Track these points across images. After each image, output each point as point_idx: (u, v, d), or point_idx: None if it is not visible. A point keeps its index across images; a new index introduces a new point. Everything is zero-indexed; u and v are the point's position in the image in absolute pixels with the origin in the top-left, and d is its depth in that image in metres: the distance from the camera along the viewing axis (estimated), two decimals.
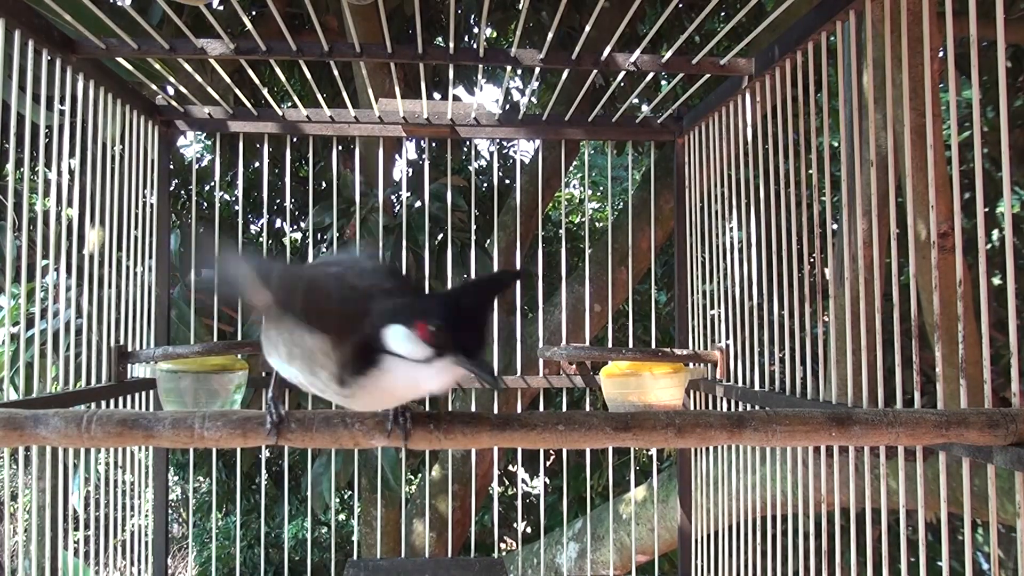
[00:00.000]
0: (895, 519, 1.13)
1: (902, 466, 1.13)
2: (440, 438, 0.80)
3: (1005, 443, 0.82)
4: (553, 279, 3.65)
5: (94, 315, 1.58)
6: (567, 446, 0.82)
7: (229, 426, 0.81)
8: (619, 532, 2.87)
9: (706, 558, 1.86)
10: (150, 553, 1.89)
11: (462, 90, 3.96)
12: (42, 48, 1.38)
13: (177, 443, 0.81)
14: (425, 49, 1.57)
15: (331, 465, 2.40)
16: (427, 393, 0.76)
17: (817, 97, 1.65)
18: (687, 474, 1.99)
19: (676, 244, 2.03)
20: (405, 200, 2.61)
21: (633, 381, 1.74)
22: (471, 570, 1.76)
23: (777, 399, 1.46)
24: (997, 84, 0.94)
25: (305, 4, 1.41)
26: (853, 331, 1.23)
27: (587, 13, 3.12)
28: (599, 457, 3.78)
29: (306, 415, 0.81)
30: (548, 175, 3.46)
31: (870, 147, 1.20)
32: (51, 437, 0.79)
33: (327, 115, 1.94)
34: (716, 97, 1.79)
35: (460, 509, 3.37)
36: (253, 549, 4.85)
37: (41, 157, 1.39)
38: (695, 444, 0.98)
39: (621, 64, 1.61)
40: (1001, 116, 0.93)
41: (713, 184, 1.83)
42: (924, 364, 1.12)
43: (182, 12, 1.89)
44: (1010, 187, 0.96)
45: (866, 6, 1.19)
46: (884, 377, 1.15)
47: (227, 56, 1.54)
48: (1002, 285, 3.11)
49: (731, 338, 1.74)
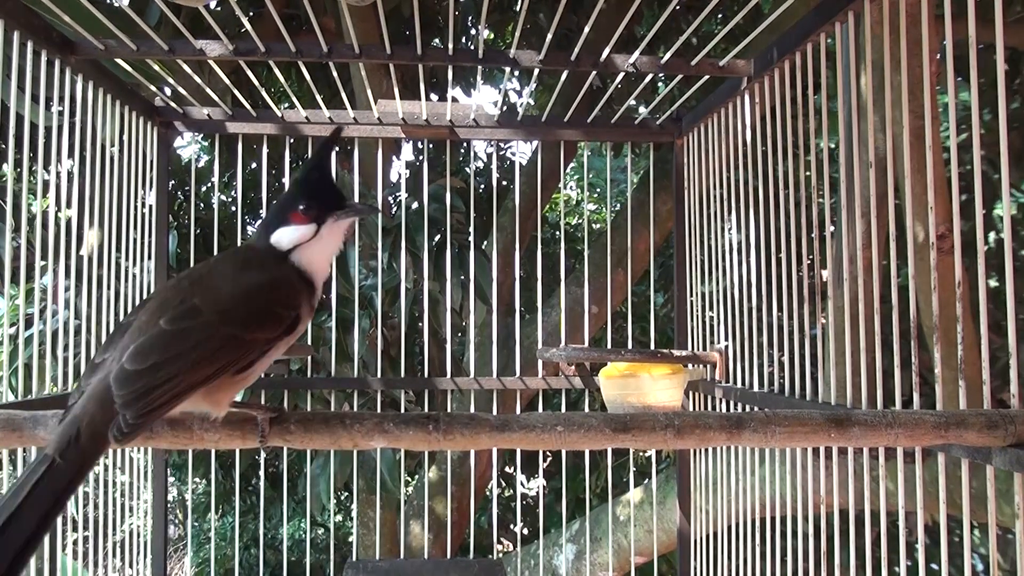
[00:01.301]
0: (893, 521, 1.13)
1: (901, 468, 1.13)
2: (439, 439, 0.80)
3: (1004, 444, 0.82)
4: (551, 280, 3.65)
5: (92, 316, 1.58)
6: (566, 447, 0.82)
7: (227, 427, 0.80)
8: (617, 533, 2.87)
9: (704, 560, 1.86)
10: (148, 554, 1.88)
11: (459, 91, 3.96)
12: (41, 49, 1.38)
13: (175, 444, 0.81)
14: (424, 50, 1.57)
15: (329, 466, 2.40)
16: (336, 249, 0.89)
17: (815, 99, 1.65)
18: (686, 475, 1.99)
19: (675, 245, 2.03)
20: (403, 201, 2.61)
21: (632, 382, 1.74)
22: (469, 571, 1.76)
23: (776, 400, 1.46)
24: (995, 86, 0.94)
25: (303, 5, 1.40)
26: (852, 332, 1.23)
27: (585, 15, 3.12)
28: (597, 458, 3.77)
29: (305, 415, 0.81)
30: (546, 176, 3.46)
31: (868, 149, 1.20)
32: (50, 438, 0.79)
33: (326, 116, 1.94)
34: (715, 98, 1.79)
35: (458, 510, 3.36)
36: (250, 550, 4.84)
37: (40, 158, 1.38)
38: (694, 445, 0.98)
39: (620, 65, 1.61)
40: (999, 118, 0.93)
41: (712, 185, 1.83)
42: (922, 366, 1.12)
43: (180, 13, 1.89)
44: (1008, 189, 0.96)
45: (864, 8, 1.19)
46: (882, 379, 1.15)
47: (226, 57, 1.54)
48: (999, 287, 3.10)
49: (730, 339, 1.74)
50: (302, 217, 0.86)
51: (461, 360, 3.46)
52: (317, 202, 0.86)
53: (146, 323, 0.77)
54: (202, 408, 0.79)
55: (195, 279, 0.83)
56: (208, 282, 0.82)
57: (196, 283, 0.82)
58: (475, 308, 2.41)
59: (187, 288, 0.80)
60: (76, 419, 0.72)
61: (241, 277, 0.84)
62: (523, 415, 0.81)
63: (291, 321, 0.82)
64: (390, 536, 3.29)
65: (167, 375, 0.72)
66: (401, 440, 0.80)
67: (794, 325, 1.43)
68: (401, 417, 0.80)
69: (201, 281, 0.82)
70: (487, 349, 3.36)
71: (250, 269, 0.85)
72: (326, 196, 0.87)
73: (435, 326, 2.46)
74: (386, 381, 2.13)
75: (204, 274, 0.84)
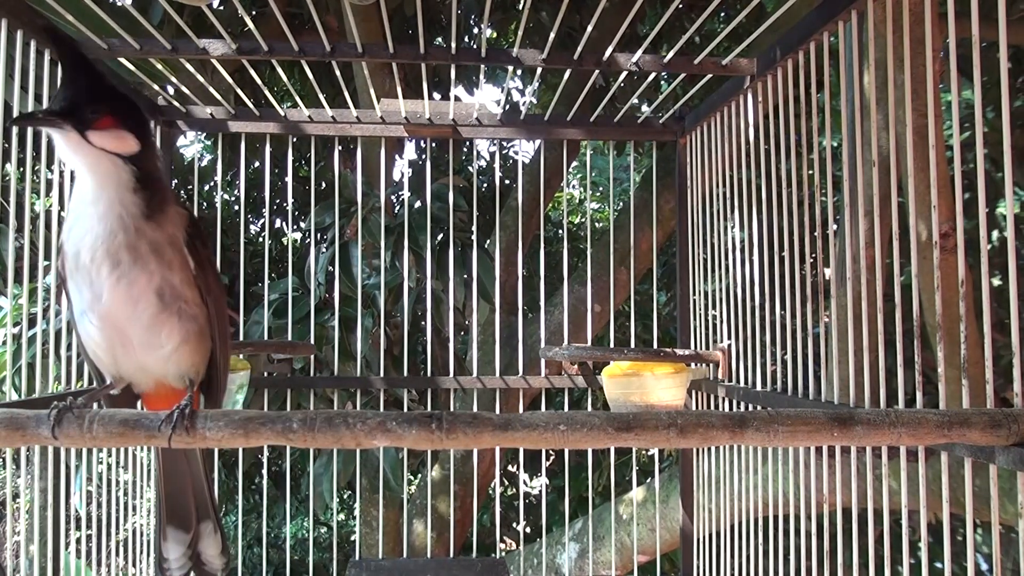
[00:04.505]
0: (896, 519, 1.13)
1: (904, 466, 1.13)
2: (442, 438, 0.80)
3: (1007, 443, 0.82)
4: (554, 279, 3.65)
5: None
6: (569, 446, 0.82)
7: (231, 426, 0.81)
8: (620, 532, 2.87)
9: (707, 558, 1.86)
10: (151, 553, 1.89)
11: (462, 90, 3.96)
12: (44, 48, 1.38)
13: (179, 443, 0.81)
14: (427, 49, 1.57)
15: (332, 465, 2.40)
16: (83, 164, 0.89)
17: (819, 97, 1.65)
18: (689, 474, 1.99)
19: (678, 244, 2.03)
20: (406, 200, 2.61)
21: (635, 381, 1.74)
22: (472, 570, 1.76)
23: (779, 399, 1.46)
24: (998, 85, 0.94)
25: (306, 4, 1.40)
26: (855, 331, 1.23)
27: (587, 13, 3.12)
28: (600, 457, 3.77)
29: (308, 415, 0.81)
30: (549, 175, 3.46)
31: (871, 147, 1.19)
32: (57, 436, 0.79)
33: (329, 115, 1.94)
34: (718, 97, 1.79)
35: (461, 509, 3.36)
36: (254, 549, 4.85)
37: (43, 157, 1.39)
38: (697, 444, 0.98)
39: (623, 64, 1.61)
40: (1003, 117, 0.93)
41: (715, 184, 1.83)
42: (925, 364, 1.12)
43: (183, 12, 1.89)
44: (1011, 188, 0.96)
45: (868, 6, 1.19)
46: (886, 377, 1.15)
47: (229, 56, 1.54)
48: (1003, 285, 3.11)
49: (732, 338, 1.74)
50: (47, 121, 0.88)
51: (464, 359, 3.46)
52: (60, 112, 0.87)
53: None
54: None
55: None
56: None
57: None
58: (478, 307, 2.40)
59: None
60: None
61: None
62: (526, 414, 0.81)
63: None
64: (393, 535, 3.29)
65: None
66: (404, 439, 0.80)
67: (797, 324, 1.43)
68: (404, 416, 0.80)
69: None
70: (490, 348, 3.37)
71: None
72: (70, 107, 0.87)
73: (438, 325, 2.46)
74: (389, 380, 2.13)
75: None
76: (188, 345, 0.95)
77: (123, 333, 0.92)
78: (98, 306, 0.90)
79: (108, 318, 0.91)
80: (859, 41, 1.24)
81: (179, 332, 0.93)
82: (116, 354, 0.94)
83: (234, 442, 0.81)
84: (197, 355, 0.97)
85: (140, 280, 0.89)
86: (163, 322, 0.92)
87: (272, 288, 2.44)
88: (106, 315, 0.90)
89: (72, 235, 0.89)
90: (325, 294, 2.55)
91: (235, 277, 2.34)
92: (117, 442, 0.81)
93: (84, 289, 0.90)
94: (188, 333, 0.94)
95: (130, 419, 0.81)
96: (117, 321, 0.91)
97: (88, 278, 0.89)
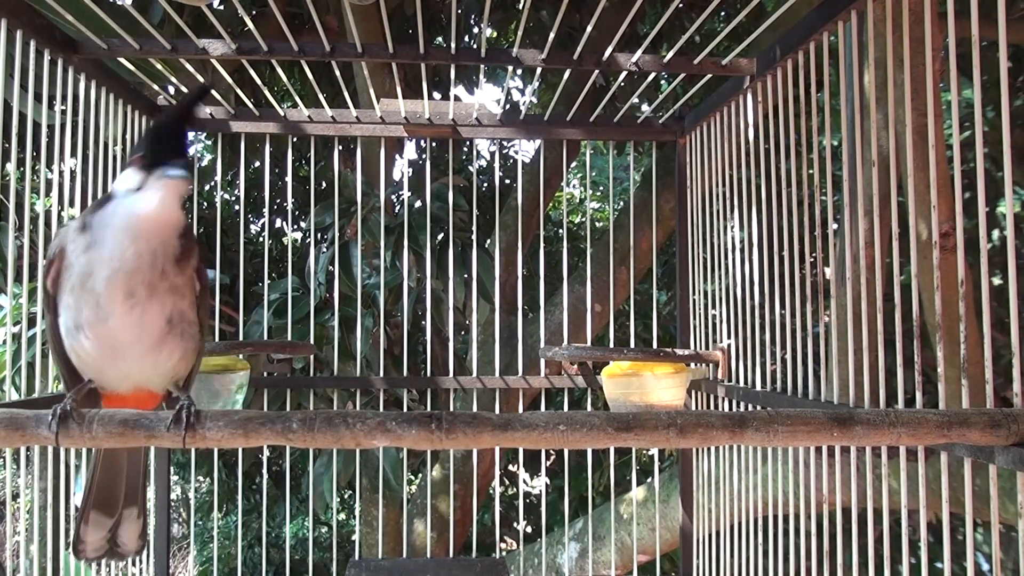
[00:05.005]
0: (896, 519, 1.13)
1: (904, 466, 1.13)
2: (442, 438, 0.80)
3: (1007, 443, 0.82)
4: (554, 279, 3.65)
5: None
6: (569, 446, 0.82)
7: (231, 426, 0.81)
8: (620, 532, 2.87)
9: (708, 558, 1.86)
10: (151, 553, 1.89)
11: (461, 90, 3.96)
12: (44, 48, 1.38)
13: (178, 443, 0.81)
14: (426, 49, 1.57)
15: (332, 465, 2.40)
16: (157, 214, 0.86)
17: (818, 97, 1.65)
18: (689, 474, 1.99)
19: (678, 243, 2.03)
20: (406, 200, 2.61)
21: (635, 381, 1.74)
22: (473, 570, 1.76)
23: (779, 399, 1.46)
24: (998, 84, 0.94)
25: (306, 4, 1.40)
26: (854, 331, 1.23)
27: (587, 13, 3.12)
28: (600, 457, 3.78)
29: (308, 415, 0.81)
30: (549, 175, 3.46)
31: (871, 147, 1.19)
32: (53, 437, 0.79)
33: (329, 115, 1.94)
34: (718, 97, 1.79)
35: (461, 509, 3.36)
36: (254, 549, 4.85)
37: (43, 157, 1.39)
38: (697, 444, 0.98)
39: (623, 64, 1.61)
40: (1002, 116, 0.93)
41: (714, 184, 1.83)
42: (925, 364, 1.12)
43: (183, 12, 1.89)
44: (1011, 187, 0.95)
45: (867, 6, 1.19)
46: (885, 377, 1.15)
47: (229, 56, 1.54)
48: (1003, 285, 3.11)
49: (732, 338, 1.74)
50: (138, 162, 0.87)
51: (464, 359, 3.46)
52: (155, 154, 0.85)
53: None
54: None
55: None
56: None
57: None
58: (478, 307, 2.40)
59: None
60: None
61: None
62: (526, 414, 0.81)
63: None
64: (393, 535, 3.29)
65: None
66: (404, 439, 0.80)
67: (797, 324, 1.43)
68: (404, 416, 0.81)
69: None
70: (490, 348, 3.37)
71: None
72: (168, 151, 0.86)
73: (438, 325, 2.46)
74: (389, 380, 2.13)
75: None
76: (185, 360, 0.96)
77: (120, 350, 0.91)
78: (100, 327, 0.88)
79: (108, 338, 0.89)
80: (859, 41, 1.24)
81: (179, 350, 0.94)
82: (104, 364, 0.93)
83: (234, 442, 0.81)
84: (189, 365, 0.98)
85: (152, 309, 0.89)
86: (166, 343, 0.92)
87: (272, 288, 2.44)
88: (107, 335, 0.89)
89: (90, 255, 0.87)
90: (325, 294, 2.55)
91: (235, 277, 2.34)
92: (117, 442, 0.81)
93: (85, 308, 0.88)
94: (187, 351, 0.95)
95: (130, 419, 0.81)
96: (118, 342, 0.90)
97: (94, 300, 0.87)
